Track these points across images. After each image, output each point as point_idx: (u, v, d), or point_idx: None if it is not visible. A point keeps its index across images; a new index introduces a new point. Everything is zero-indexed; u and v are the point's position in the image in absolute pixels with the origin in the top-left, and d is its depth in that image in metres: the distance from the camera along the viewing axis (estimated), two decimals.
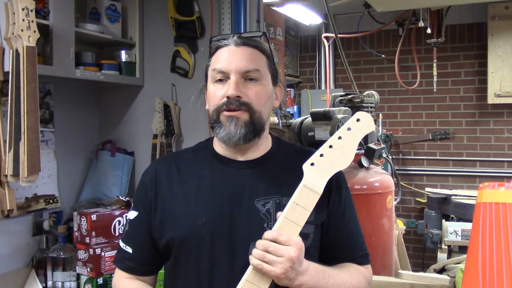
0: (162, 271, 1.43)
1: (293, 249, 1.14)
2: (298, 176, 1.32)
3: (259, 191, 1.30)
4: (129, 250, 1.38)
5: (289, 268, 1.13)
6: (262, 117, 1.32)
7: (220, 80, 1.30)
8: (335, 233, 1.36)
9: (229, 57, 1.30)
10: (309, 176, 1.18)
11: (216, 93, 1.30)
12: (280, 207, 1.28)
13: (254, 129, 1.30)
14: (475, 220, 1.35)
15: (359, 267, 1.37)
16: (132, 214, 1.39)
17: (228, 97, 1.27)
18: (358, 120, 1.18)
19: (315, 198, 1.17)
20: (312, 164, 1.18)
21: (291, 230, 1.15)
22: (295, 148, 1.46)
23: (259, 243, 1.15)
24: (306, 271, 1.18)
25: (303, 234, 1.22)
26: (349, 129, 1.18)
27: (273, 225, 1.25)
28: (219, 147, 1.38)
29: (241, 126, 1.28)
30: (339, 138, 1.18)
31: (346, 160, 1.18)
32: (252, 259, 1.15)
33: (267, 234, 1.16)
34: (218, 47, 1.35)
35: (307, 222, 1.27)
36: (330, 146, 1.18)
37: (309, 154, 1.41)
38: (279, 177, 1.33)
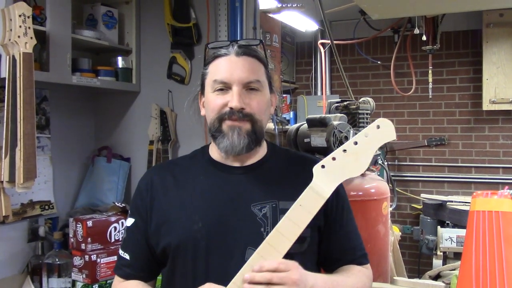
0: (159, 277, 1.44)
1: (294, 272, 1.13)
2: (293, 180, 1.34)
3: (255, 195, 1.31)
4: (127, 256, 1.39)
5: None
6: (262, 126, 1.34)
7: (221, 89, 1.31)
8: (335, 236, 1.37)
9: (231, 68, 1.30)
10: (318, 179, 1.12)
11: (217, 102, 1.30)
12: (277, 211, 1.29)
13: (256, 138, 1.32)
14: (469, 228, 1.36)
15: (361, 268, 1.39)
16: (129, 221, 1.40)
17: (231, 108, 1.28)
18: (378, 127, 1.11)
19: (321, 202, 1.13)
20: (322, 166, 1.12)
21: (292, 231, 1.12)
22: (290, 153, 1.48)
23: (260, 276, 1.12)
24: (315, 286, 1.18)
25: (299, 238, 1.22)
26: (367, 135, 1.11)
27: (270, 229, 1.25)
28: (215, 153, 1.38)
29: (244, 136, 1.29)
30: (355, 143, 1.11)
31: (359, 167, 1.11)
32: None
33: (267, 265, 1.12)
34: (217, 56, 1.34)
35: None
36: (344, 151, 1.11)
37: (303, 159, 1.43)
38: (275, 182, 1.34)
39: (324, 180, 1.12)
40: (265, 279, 1.11)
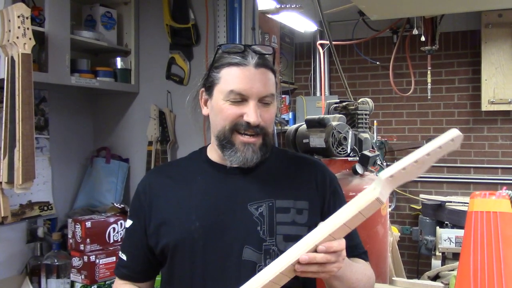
0: (158, 278, 1.44)
1: (345, 251, 1.16)
2: (291, 180, 1.36)
3: (252, 195, 1.32)
4: (124, 257, 1.41)
5: (341, 267, 1.16)
6: (271, 137, 1.36)
7: (236, 101, 1.29)
8: None
9: (250, 81, 1.27)
10: (384, 189, 1.11)
11: (231, 111, 1.28)
12: (273, 209, 1.30)
13: (266, 149, 1.33)
14: (467, 228, 1.37)
15: (364, 261, 1.42)
16: (128, 223, 1.43)
17: (248, 122, 1.27)
18: (452, 140, 1.09)
19: (377, 208, 1.13)
20: (391, 176, 1.10)
21: (342, 233, 1.14)
22: (288, 153, 1.49)
23: (321, 257, 1.11)
24: None
25: (295, 236, 1.22)
26: (441, 147, 1.09)
27: (266, 227, 1.27)
28: (213, 154, 1.39)
29: (257, 151, 1.31)
30: (428, 154, 1.09)
31: (418, 174, 1.12)
32: (308, 268, 1.11)
33: (336, 246, 1.12)
34: (233, 64, 1.29)
35: (300, 225, 1.31)
36: (416, 161, 1.09)
37: (302, 160, 1.44)
38: (272, 181, 1.35)
39: (386, 188, 1.12)
40: (326, 259, 1.11)
